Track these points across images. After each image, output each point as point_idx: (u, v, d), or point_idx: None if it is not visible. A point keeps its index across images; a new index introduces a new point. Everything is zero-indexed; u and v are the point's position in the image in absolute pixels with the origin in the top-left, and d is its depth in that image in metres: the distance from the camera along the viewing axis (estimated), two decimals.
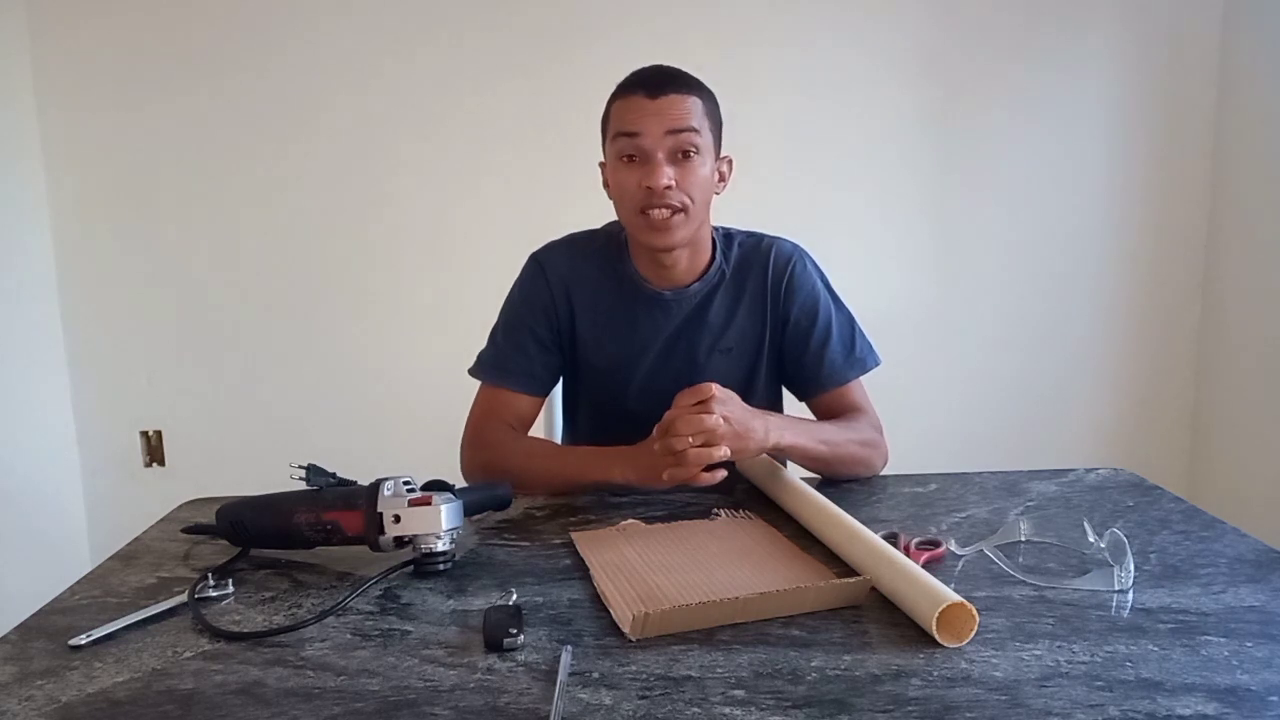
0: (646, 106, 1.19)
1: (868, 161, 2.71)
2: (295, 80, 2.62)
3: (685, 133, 1.19)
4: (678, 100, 1.19)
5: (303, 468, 0.98)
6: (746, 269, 1.33)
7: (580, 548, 1.00)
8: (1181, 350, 2.81)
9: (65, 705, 0.72)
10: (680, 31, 2.58)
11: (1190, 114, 2.70)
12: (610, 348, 1.32)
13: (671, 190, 1.19)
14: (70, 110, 2.61)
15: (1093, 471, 1.24)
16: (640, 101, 1.19)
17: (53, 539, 2.62)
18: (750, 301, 1.32)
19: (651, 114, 1.18)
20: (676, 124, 1.18)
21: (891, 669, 0.74)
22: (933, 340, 2.78)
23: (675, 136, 1.19)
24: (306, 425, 2.74)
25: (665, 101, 1.19)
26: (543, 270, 1.33)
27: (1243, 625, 0.80)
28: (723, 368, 1.31)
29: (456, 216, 2.70)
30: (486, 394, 1.32)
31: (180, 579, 0.96)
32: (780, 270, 1.33)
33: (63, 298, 2.68)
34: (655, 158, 1.19)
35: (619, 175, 1.22)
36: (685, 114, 1.19)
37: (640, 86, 1.20)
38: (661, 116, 1.18)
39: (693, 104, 1.20)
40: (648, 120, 1.18)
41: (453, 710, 0.70)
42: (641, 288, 1.31)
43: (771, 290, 1.32)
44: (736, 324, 1.32)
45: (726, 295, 1.32)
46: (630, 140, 1.19)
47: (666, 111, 1.18)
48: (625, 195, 1.22)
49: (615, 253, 1.33)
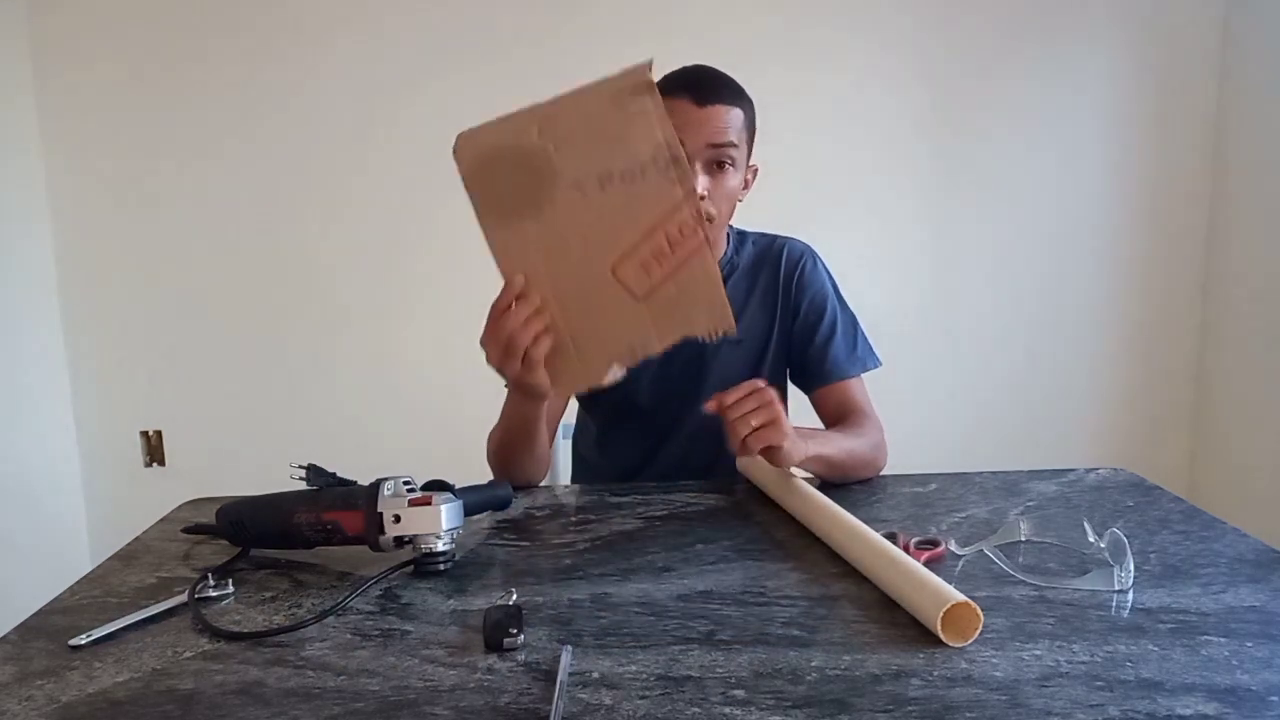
0: (692, 114, 1.18)
1: (866, 163, 2.71)
2: (296, 80, 2.63)
3: (726, 146, 1.19)
4: (723, 111, 1.19)
5: (303, 468, 0.98)
6: (759, 265, 1.37)
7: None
8: (1181, 350, 2.81)
9: (65, 705, 0.72)
10: (677, 39, 2.57)
11: (1190, 114, 2.70)
12: None
13: (704, 201, 1.19)
14: (70, 111, 2.61)
15: (1093, 471, 1.24)
16: (686, 107, 1.18)
17: (53, 539, 2.62)
18: (761, 296, 1.36)
19: (696, 123, 1.17)
20: (719, 137, 1.18)
21: (891, 669, 0.74)
22: (933, 341, 2.78)
23: (716, 149, 1.19)
24: (306, 425, 2.74)
25: (711, 112, 1.18)
26: None
27: (1243, 625, 0.80)
28: (732, 359, 1.34)
29: (457, 216, 2.68)
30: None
31: (180, 579, 0.96)
32: (792, 267, 1.36)
33: (63, 298, 2.68)
34: (693, 165, 1.19)
35: None
36: (728, 127, 1.19)
37: (688, 91, 1.19)
38: (706, 127, 1.18)
39: (735, 116, 1.20)
40: (691, 129, 1.17)
41: (453, 710, 0.70)
42: None
43: (783, 285, 1.36)
44: (747, 317, 1.34)
45: (738, 290, 1.35)
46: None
47: (712, 122, 1.18)
48: None
49: None
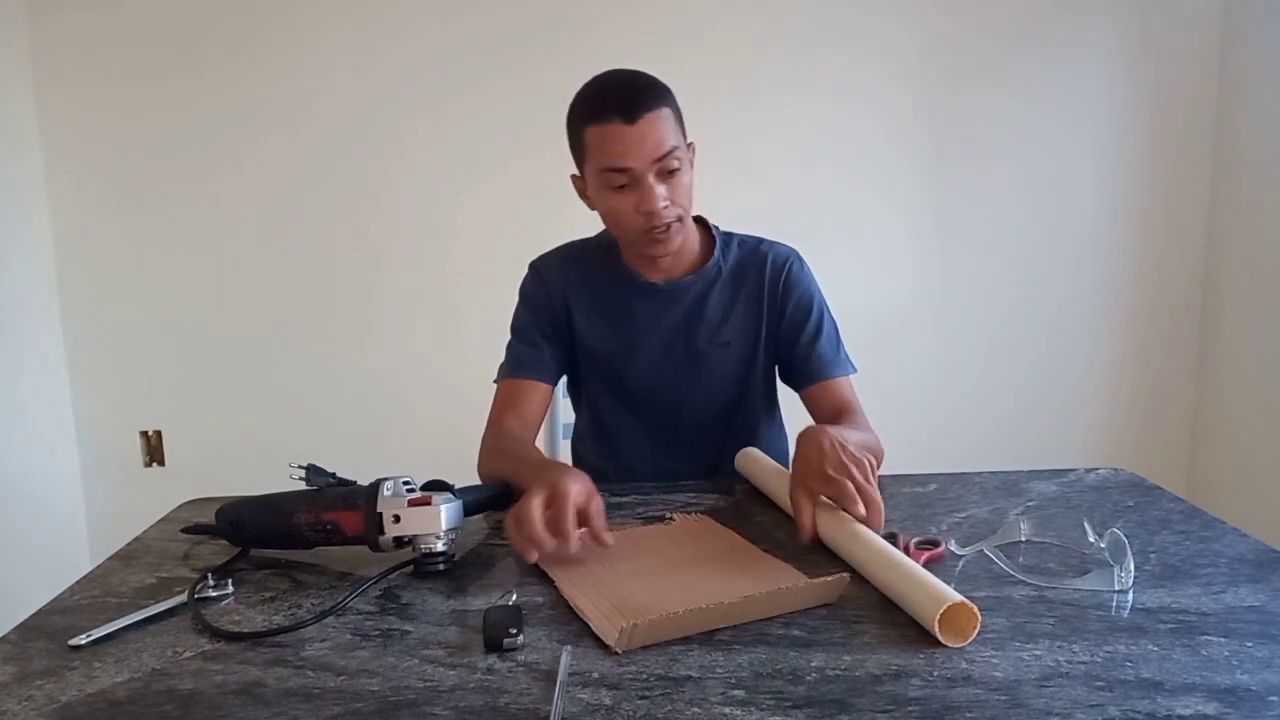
0: (628, 135, 1.18)
1: (866, 164, 2.71)
2: (296, 79, 2.62)
3: (670, 153, 1.20)
4: (655, 120, 1.18)
5: (302, 468, 0.98)
6: (745, 269, 1.37)
7: (542, 561, 0.96)
8: (1181, 350, 2.81)
9: (65, 705, 0.72)
10: (680, 35, 2.58)
11: (1190, 114, 2.70)
12: (608, 337, 1.37)
13: (668, 208, 1.21)
14: (70, 111, 2.61)
15: (1093, 471, 1.24)
16: (620, 130, 1.18)
17: (53, 539, 2.62)
18: (748, 298, 1.36)
19: (635, 143, 1.18)
20: (661, 149, 1.19)
21: (891, 669, 0.74)
22: (932, 341, 2.78)
23: (661, 160, 1.19)
24: (306, 425, 2.74)
25: (645, 125, 1.18)
26: (539, 273, 1.40)
27: (1243, 625, 0.80)
28: (721, 361, 1.36)
29: (456, 217, 2.70)
30: (500, 388, 1.37)
31: (180, 579, 0.96)
32: (778, 269, 1.37)
33: (63, 297, 2.68)
34: (646, 183, 1.20)
35: (611, 201, 1.23)
36: (665, 134, 1.19)
37: (616, 112, 1.18)
38: (646, 144, 1.18)
39: (665, 117, 1.20)
40: (634, 150, 1.18)
41: (453, 710, 0.70)
42: (635, 280, 1.36)
43: (769, 287, 1.36)
44: (734, 319, 1.36)
45: (724, 292, 1.36)
46: (620, 174, 1.20)
47: (649, 137, 1.18)
48: (623, 219, 1.24)
49: (607, 252, 1.38)
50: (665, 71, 1.26)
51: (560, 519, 0.93)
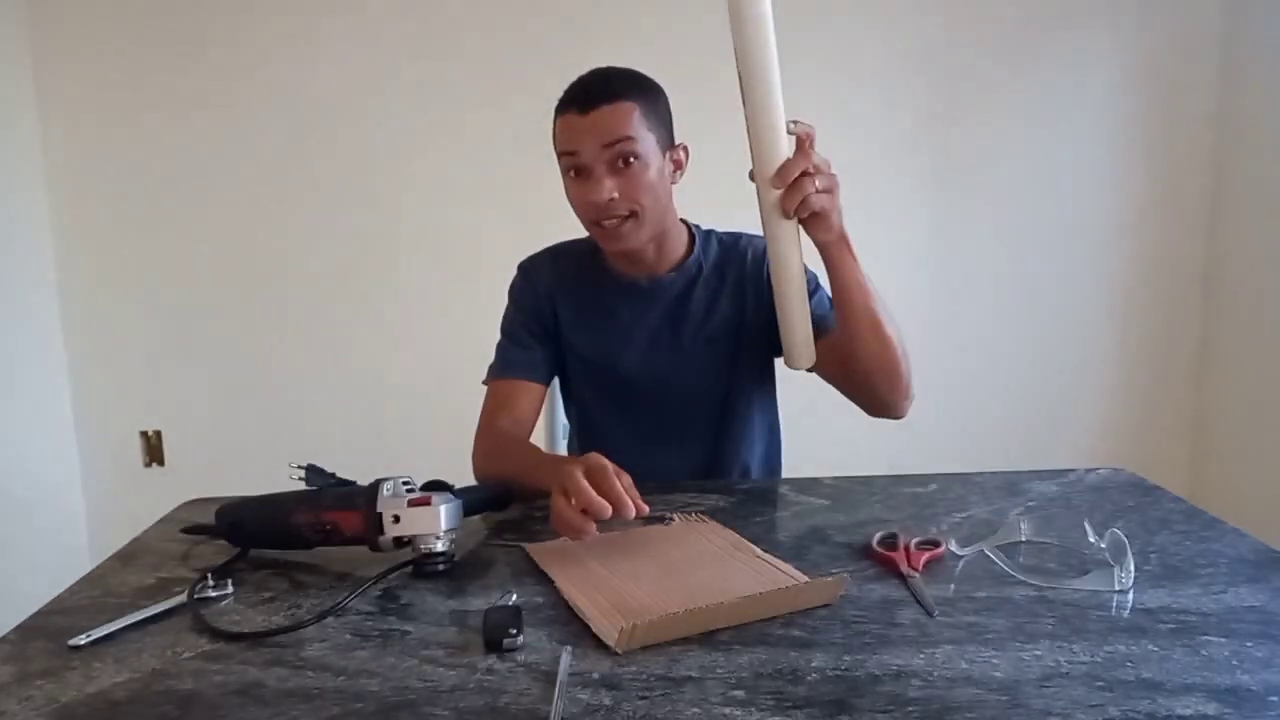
0: (580, 124, 1.20)
1: (866, 164, 2.71)
2: (296, 80, 2.63)
3: (620, 143, 1.20)
4: (608, 112, 1.19)
5: (302, 468, 0.98)
6: (726, 263, 1.37)
7: (540, 562, 0.96)
8: (1182, 350, 2.81)
9: (65, 705, 0.72)
10: (680, 42, 2.58)
11: (1190, 113, 2.70)
12: (594, 336, 1.38)
13: (615, 201, 1.21)
14: (70, 112, 2.61)
15: (1093, 471, 1.24)
16: (571, 120, 1.20)
17: (53, 539, 2.62)
18: (731, 291, 1.36)
19: (585, 130, 1.19)
20: (610, 137, 1.19)
21: (891, 669, 0.74)
22: (933, 341, 2.78)
23: (611, 149, 1.20)
24: (306, 426, 2.74)
25: (596, 115, 1.19)
26: (527, 274, 1.42)
27: (1243, 625, 0.80)
28: (709, 355, 1.36)
29: (455, 219, 2.70)
30: (491, 389, 1.37)
31: (180, 579, 0.96)
32: (759, 257, 1.35)
33: (63, 298, 2.69)
34: (595, 173, 1.20)
35: (570, 191, 1.26)
36: (618, 125, 1.19)
37: (572, 105, 1.21)
38: (593, 132, 1.19)
39: (624, 110, 1.20)
40: (582, 137, 1.20)
41: (453, 710, 0.70)
42: (618, 279, 1.37)
43: (751, 276, 1.36)
44: (719, 314, 1.36)
45: (707, 288, 1.36)
46: (571, 159, 1.22)
47: (599, 126, 1.19)
48: (577, 209, 1.26)
49: (592, 251, 1.38)
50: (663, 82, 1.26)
51: (612, 485, 0.95)
